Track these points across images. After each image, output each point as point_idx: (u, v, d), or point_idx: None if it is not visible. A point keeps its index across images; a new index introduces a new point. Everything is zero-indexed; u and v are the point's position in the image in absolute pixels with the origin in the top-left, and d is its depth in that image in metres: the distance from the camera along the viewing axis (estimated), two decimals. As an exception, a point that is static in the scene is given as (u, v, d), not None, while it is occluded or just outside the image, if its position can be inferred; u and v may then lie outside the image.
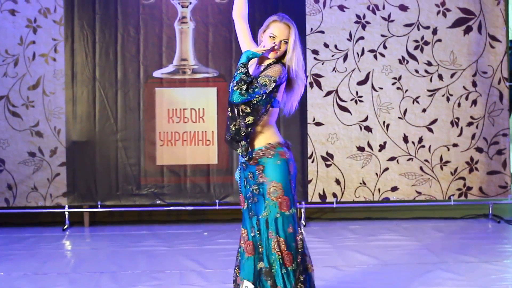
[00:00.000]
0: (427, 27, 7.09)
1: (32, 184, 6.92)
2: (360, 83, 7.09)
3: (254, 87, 3.75)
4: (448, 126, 7.13)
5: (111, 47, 6.94)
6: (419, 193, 7.12)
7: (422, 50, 7.09)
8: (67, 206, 6.98)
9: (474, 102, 7.13)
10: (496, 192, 7.18)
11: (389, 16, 7.07)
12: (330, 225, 7.03)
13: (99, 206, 6.99)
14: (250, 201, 3.90)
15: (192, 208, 7.13)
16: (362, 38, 7.06)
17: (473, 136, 7.14)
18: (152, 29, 6.97)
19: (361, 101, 7.09)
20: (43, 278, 5.21)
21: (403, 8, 7.07)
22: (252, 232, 3.89)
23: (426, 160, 7.11)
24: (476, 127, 7.13)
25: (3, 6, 6.86)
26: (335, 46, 7.05)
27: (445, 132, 7.13)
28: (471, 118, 7.13)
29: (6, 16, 6.87)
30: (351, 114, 7.09)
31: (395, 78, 7.10)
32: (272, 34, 3.88)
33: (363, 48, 7.07)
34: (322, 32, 7.04)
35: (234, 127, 3.82)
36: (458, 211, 7.35)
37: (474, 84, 7.12)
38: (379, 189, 7.09)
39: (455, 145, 7.13)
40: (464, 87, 7.13)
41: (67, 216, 7.02)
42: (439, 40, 7.10)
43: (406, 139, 7.11)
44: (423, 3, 7.08)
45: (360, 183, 7.09)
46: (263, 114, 3.83)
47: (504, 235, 6.62)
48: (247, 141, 3.82)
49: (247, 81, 3.75)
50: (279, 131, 4.03)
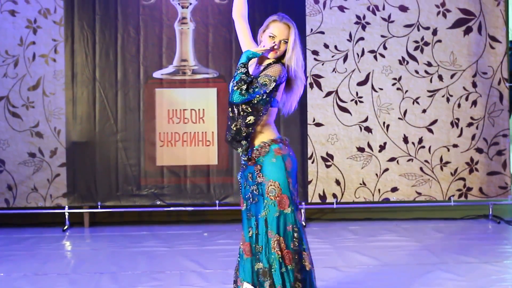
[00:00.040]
0: (427, 28, 7.09)
1: (32, 185, 6.92)
2: (360, 83, 7.09)
3: (254, 87, 3.75)
4: (448, 126, 7.13)
5: (111, 47, 6.94)
6: (419, 193, 7.12)
7: (422, 51, 7.09)
8: (67, 206, 6.98)
9: (474, 103, 7.13)
10: (496, 193, 7.17)
11: (389, 16, 7.07)
12: (330, 225, 7.03)
13: (99, 206, 6.99)
14: (249, 201, 3.90)
15: (192, 208, 7.13)
16: (362, 38, 7.06)
17: (473, 137, 7.14)
18: (152, 29, 6.97)
19: (361, 101, 7.09)
20: (43, 278, 5.21)
21: (403, 9, 7.08)
22: (250, 233, 3.88)
23: (426, 161, 7.11)
24: (476, 128, 7.13)
25: (3, 7, 6.87)
26: (335, 47, 7.05)
27: (445, 132, 7.13)
28: (471, 118, 7.13)
29: (6, 16, 6.87)
30: (351, 115, 7.09)
31: (395, 79, 7.10)
32: (271, 34, 3.88)
33: (363, 49, 7.07)
34: (322, 32, 7.04)
35: (235, 127, 3.82)
36: (458, 211, 7.35)
37: (474, 84, 7.12)
38: (379, 189, 7.09)
39: (455, 145, 7.13)
40: (464, 88, 7.13)
41: (67, 216, 7.02)
42: (439, 41, 7.10)
43: (406, 140, 7.11)
44: (423, 3, 7.08)
45: (360, 184, 7.09)
46: (263, 113, 3.83)
47: (504, 235, 6.61)
48: (248, 140, 3.83)
49: (247, 81, 3.75)
50: (279, 131, 4.03)
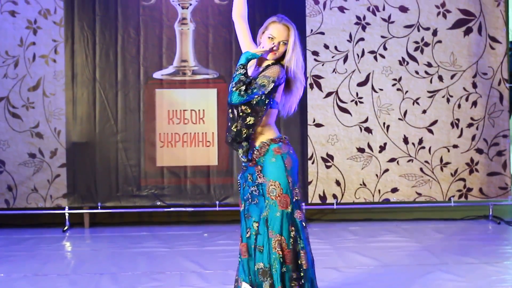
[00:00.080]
0: (427, 28, 7.09)
1: (32, 185, 6.92)
2: (360, 84, 7.09)
3: (253, 88, 3.76)
4: (448, 127, 7.13)
5: (111, 48, 6.94)
6: (419, 194, 7.12)
7: (422, 52, 7.09)
8: (67, 207, 6.97)
9: (474, 103, 7.13)
10: (496, 193, 7.17)
11: (389, 17, 7.07)
12: (330, 226, 7.03)
13: (99, 207, 6.99)
14: (247, 202, 3.90)
15: (192, 209, 7.13)
16: (362, 39, 7.06)
17: (473, 137, 7.14)
18: (152, 30, 6.98)
19: (361, 102, 7.09)
20: (43, 279, 5.21)
21: (403, 10, 7.07)
22: (247, 233, 3.88)
23: (426, 161, 7.11)
24: (476, 128, 7.13)
25: (3, 7, 6.87)
26: (335, 48, 7.05)
27: (445, 133, 7.13)
28: (471, 119, 7.13)
29: (6, 17, 6.88)
30: (351, 115, 7.08)
31: (395, 79, 7.10)
32: (271, 35, 3.88)
33: (363, 50, 7.07)
34: (322, 33, 7.04)
35: (235, 128, 3.82)
36: (458, 212, 7.35)
37: (474, 85, 7.12)
38: (379, 190, 7.09)
39: (455, 146, 7.13)
40: (464, 88, 7.13)
41: (67, 217, 7.02)
42: (439, 42, 7.10)
43: (406, 140, 7.11)
44: (423, 4, 7.08)
45: (360, 184, 7.09)
46: (263, 114, 3.83)
47: (504, 236, 6.61)
48: (248, 142, 3.83)
49: (245, 82, 3.75)
50: (279, 132, 4.02)
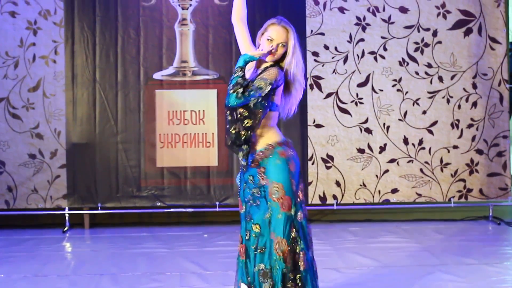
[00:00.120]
0: (427, 29, 7.09)
1: (32, 186, 6.92)
2: (360, 85, 7.09)
3: (250, 90, 3.75)
4: (448, 128, 7.13)
5: (111, 49, 6.94)
6: (419, 195, 7.12)
7: (422, 52, 7.09)
8: (67, 208, 6.97)
9: (474, 104, 7.13)
10: (496, 194, 7.17)
11: (389, 18, 7.07)
12: (330, 227, 7.03)
13: (99, 208, 6.99)
14: (248, 204, 3.89)
15: (192, 210, 7.13)
16: (362, 40, 7.06)
17: (473, 138, 7.14)
18: (152, 31, 6.97)
19: (361, 103, 7.09)
20: (43, 280, 5.21)
21: (403, 10, 7.08)
22: (247, 235, 3.88)
23: (426, 162, 7.11)
24: (476, 129, 7.13)
25: (3, 8, 6.87)
26: (335, 48, 7.05)
27: (445, 134, 7.13)
28: (471, 120, 7.13)
29: (6, 18, 6.87)
30: (351, 116, 7.08)
31: (395, 80, 7.10)
32: (269, 37, 3.88)
33: (363, 50, 7.06)
34: (322, 34, 7.04)
35: (234, 130, 3.81)
36: (458, 213, 7.35)
37: (474, 86, 7.12)
38: (379, 191, 7.09)
39: (455, 147, 7.13)
40: (464, 89, 7.13)
41: (67, 218, 7.02)
42: (439, 42, 7.10)
43: (406, 141, 7.11)
44: (423, 5, 7.08)
45: (360, 185, 7.09)
46: (262, 117, 3.81)
47: (504, 237, 6.61)
48: (248, 145, 3.82)
49: (243, 84, 3.74)
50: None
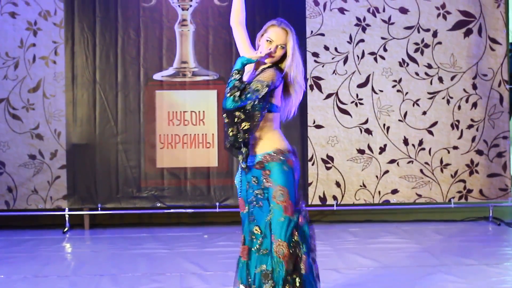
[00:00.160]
0: (427, 30, 7.09)
1: (32, 187, 6.92)
2: (360, 85, 7.09)
3: (247, 93, 3.73)
4: (448, 128, 7.13)
5: (112, 49, 6.94)
6: (420, 195, 7.12)
7: (422, 53, 7.09)
8: (67, 208, 6.97)
9: (474, 105, 7.13)
10: (496, 195, 7.17)
11: (389, 18, 7.07)
12: (330, 227, 7.03)
13: (99, 208, 6.99)
14: (251, 205, 3.89)
15: (192, 210, 7.13)
16: (362, 40, 7.06)
17: (473, 139, 7.13)
18: (152, 31, 6.98)
19: (361, 103, 7.09)
20: (43, 280, 5.21)
21: (403, 11, 7.08)
22: (249, 236, 3.88)
23: (426, 163, 7.11)
24: (476, 130, 7.13)
25: (3, 9, 6.87)
26: (335, 49, 7.05)
27: (445, 134, 7.13)
28: (471, 120, 7.13)
29: (7, 18, 6.88)
30: (351, 117, 7.09)
31: (395, 81, 7.10)
32: (269, 38, 3.87)
33: (363, 51, 7.07)
34: (323, 34, 7.04)
35: (232, 133, 3.79)
36: (458, 213, 7.35)
37: (474, 86, 7.12)
38: (379, 191, 7.09)
39: (455, 147, 7.13)
40: (464, 90, 7.13)
41: (67, 218, 7.02)
42: (439, 43, 7.10)
43: (406, 142, 7.11)
44: (423, 5, 7.08)
45: (360, 186, 7.09)
46: (260, 119, 3.80)
47: (505, 237, 6.61)
48: (248, 148, 3.81)
49: (240, 87, 3.73)
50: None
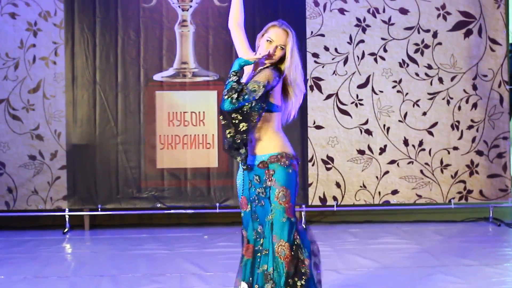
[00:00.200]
0: (427, 31, 7.09)
1: (33, 187, 6.92)
2: (361, 86, 7.09)
3: (244, 94, 3.73)
4: (448, 129, 7.13)
5: (112, 50, 6.94)
6: (420, 196, 7.12)
7: (422, 54, 7.09)
8: (67, 209, 6.97)
9: (475, 105, 7.13)
10: (496, 195, 7.17)
11: (389, 19, 7.07)
12: (330, 228, 7.03)
13: (99, 209, 6.99)
14: (254, 204, 3.89)
15: (192, 211, 7.13)
16: (362, 41, 7.06)
17: (473, 139, 7.13)
18: (152, 32, 6.98)
19: (361, 104, 7.09)
20: (43, 281, 5.21)
21: (404, 12, 7.08)
22: (254, 235, 3.89)
23: (427, 163, 7.11)
24: (477, 130, 7.13)
25: (4, 9, 6.87)
26: (336, 50, 7.05)
27: (445, 135, 7.13)
28: (472, 121, 7.13)
29: (7, 19, 6.88)
30: (352, 118, 7.08)
31: (395, 82, 7.10)
32: (269, 38, 3.88)
33: (363, 52, 7.07)
34: (323, 35, 7.04)
35: (229, 134, 3.79)
36: (458, 214, 7.35)
37: (475, 87, 7.12)
38: (380, 192, 7.09)
39: (455, 148, 7.13)
40: (464, 91, 7.13)
41: (67, 219, 7.01)
42: (440, 44, 7.10)
43: (406, 142, 7.11)
44: (423, 6, 7.08)
45: (361, 186, 7.09)
46: (257, 120, 3.80)
47: (505, 238, 6.61)
48: (246, 149, 3.81)
49: (238, 89, 3.73)
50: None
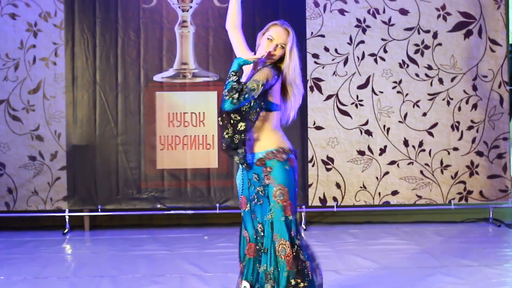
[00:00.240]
0: (428, 31, 7.09)
1: (33, 188, 6.91)
2: (361, 87, 7.09)
3: (244, 94, 3.74)
4: (448, 130, 7.13)
5: (112, 51, 6.94)
6: (420, 197, 7.12)
7: (422, 54, 7.10)
8: (67, 210, 6.97)
9: (475, 106, 7.13)
10: (496, 196, 7.17)
11: (389, 20, 7.07)
12: (330, 229, 7.03)
13: (99, 210, 6.99)
14: (253, 203, 3.89)
15: (192, 212, 7.13)
16: (362, 42, 7.06)
17: (473, 140, 7.13)
18: (152, 33, 6.98)
19: (361, 105, 7.09)
20: (43, 282, 5.21)
21: (404, 12, 7.08)
22: (255, 234, 3.89)
23: (427, 164, 7.11)
24: (477, 131, 7.13)
25: (4, 10, 6.87)
26: (336, 50, 7.05)
27: (445, 136, 7.13)
28: (472, 122, 7.13)
29: (7, 20, 6.88)
30: (352, 118, 7.09)
31: (395, 82, 7.10)
32: (270, 36, 3.89)
33: (363, 52, 7.07)
34: (323, 36, 7.04)
35: (227, 135, 3.80)
36: (458, 215, 7.35)
37: (475, 88, 7.12)
38: (380, 193, 7.09)
39: (455, 149, 7.13)
40: (464, 91, 7.13)
41: (67, 220, 7.01)
42: (440, 44, 7.10)
43: (406, 143, 7.11)
44: (424, 7, 7.08)
45: (361, 187, 7.09)
46: (255, 119, 3.81)
47: (505, 239, 6.61)
48: (244, 148, 3.81)
49: (238, 89, 3.74)
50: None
